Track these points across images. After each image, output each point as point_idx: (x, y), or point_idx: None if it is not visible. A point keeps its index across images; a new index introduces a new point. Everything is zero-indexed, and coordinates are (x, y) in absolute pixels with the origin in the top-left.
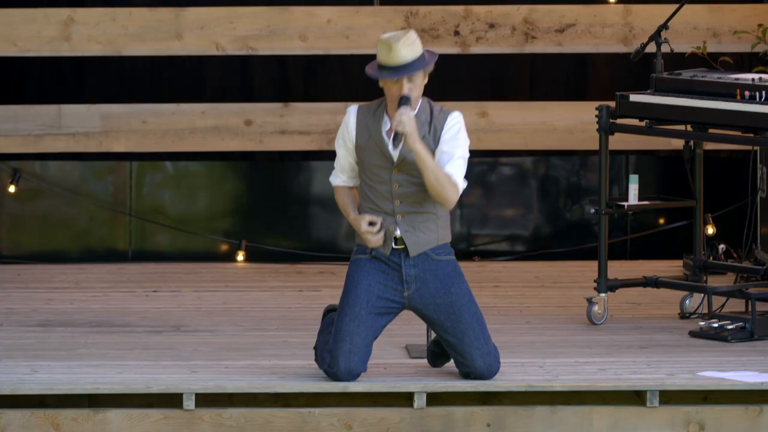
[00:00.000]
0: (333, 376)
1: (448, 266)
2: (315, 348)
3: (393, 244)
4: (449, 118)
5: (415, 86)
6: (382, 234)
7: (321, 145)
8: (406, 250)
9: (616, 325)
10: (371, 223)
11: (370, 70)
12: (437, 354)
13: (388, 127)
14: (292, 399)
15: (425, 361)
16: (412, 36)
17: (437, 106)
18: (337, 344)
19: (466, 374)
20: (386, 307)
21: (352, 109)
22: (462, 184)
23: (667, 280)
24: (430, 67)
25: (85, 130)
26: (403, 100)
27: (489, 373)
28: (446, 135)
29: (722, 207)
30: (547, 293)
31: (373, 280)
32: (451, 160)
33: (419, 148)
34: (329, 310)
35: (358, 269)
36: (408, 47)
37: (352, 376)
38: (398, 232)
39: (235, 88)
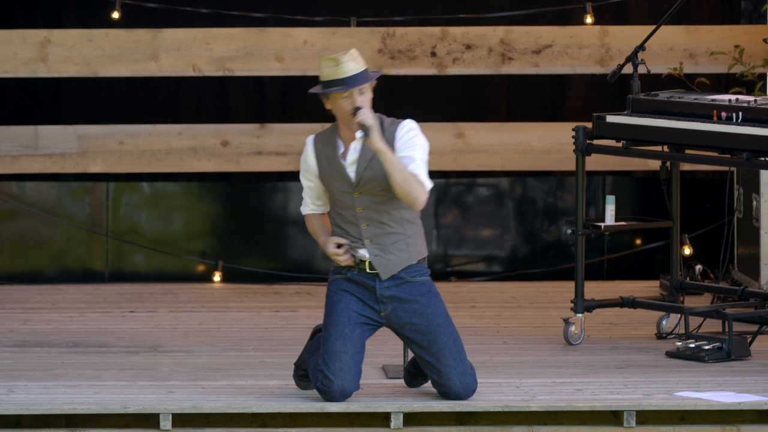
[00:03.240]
0: (327, 395)
1: (423, 287)
2: (296, 364)
3: (367, 268)
4: (400, 126)
5: (365, 99)
6: (349, 254)
7: (297, 165)
8: (380, 272)
9: (592, 345)
10: (339, 246)
11: (316, 89)
12: (414, 374)
13: (342, 150)
14: (269, 419)
15: (402, 381)
16: (355, 52)
17: (388, 119)
18: (327, 364)
19: (444, 393)
20: (365, 323)
21: (309, 140)
22: (429, 184)
23: (643, 300)
24: (374, 83)
25: (62, 151)
26: (358, 110)
27: (466, 393)
28: (400, 142)
29: (699, 228)
30: (523, 313)
31: (351, 297)
32: (412, 162)
33: (383, 146)
34: (317, 331)
35: (336, 289)
36: (353, 61)
37: (345, 396)
38: (367, 256)
39: (211, 109)
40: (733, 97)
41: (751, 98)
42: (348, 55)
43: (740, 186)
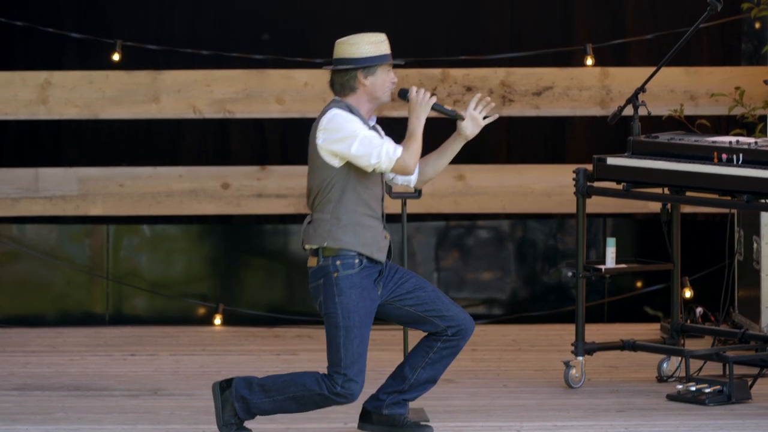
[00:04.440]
0: (347, 398)
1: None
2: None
3: (385, 251)
4: None
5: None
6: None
7: (298, 208)
8: (389, 253)
9: (593, 388)
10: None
11: (368, 64)
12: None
13: (374, 121)
14: None
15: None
16: None
17: None
18: (349, 367)
19: (457, 328)
20: (372, 318)
21: (341, 109)
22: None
23: (644, 343)
24: None
25: (62, 194)
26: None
27: (471, 323)
28: None
29: (700, 270)
30: (524, 356)
31: (366, 297)
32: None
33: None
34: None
35: (352, 286)
36: None
37: (357, 396)
38: (389, 239)
39: (212, 151)
40: (733, 138)
41: (751, 140)
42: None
43: (741, 228)
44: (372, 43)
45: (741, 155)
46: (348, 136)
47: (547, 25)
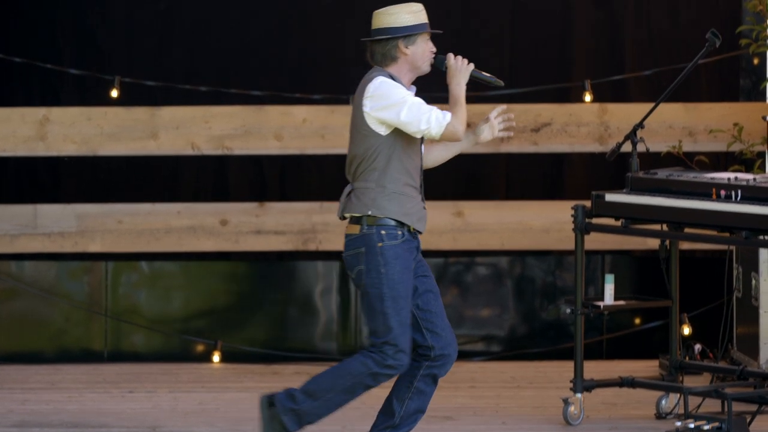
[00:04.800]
0: (397, 369)
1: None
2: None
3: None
4: None
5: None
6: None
7: (296, 245)
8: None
9: (592, 425)
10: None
11: (423, 29)
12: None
13: (414, 91)
14: None
15: None
16: None
17: None
18: (401, 337)
19: (436, 353)
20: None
21: (384, 76)
22: None
23: (643, 380)
24: None
25: (61, 230)
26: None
27: (455, 352)
28: None
29: (698, 306)
30: (523, 393)
31: (408, 269)
32: None
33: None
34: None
35: (396, 256)
36: None
37: (405, 369)
38: (425, 210)
39: (210, 188)
40: (732, 175)
41: (750, 176)
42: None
43: (739, 265)
44: (411, 13)
45: (739, 192)
46: (396, 103)
47: (545, 61)
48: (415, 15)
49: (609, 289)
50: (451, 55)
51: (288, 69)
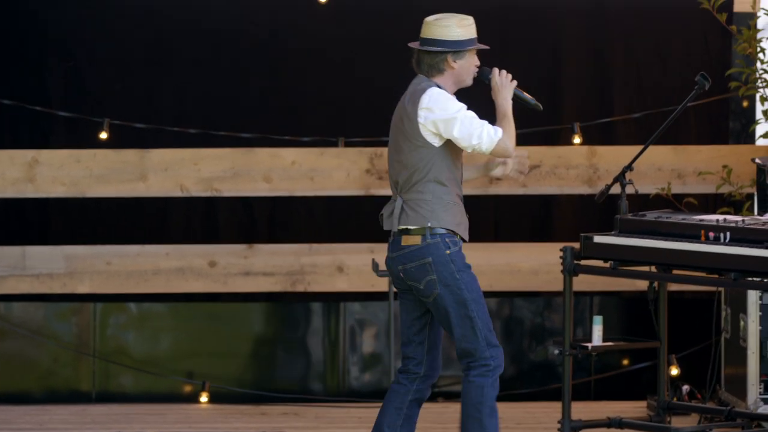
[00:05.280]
0: (501, 367)
1: None
2: None
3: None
4: None
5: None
6: None
7: (285, 286)
8: None
9: None
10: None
11: (464, 47)
12: None
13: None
14: None
15: None
16: None
17: None
18: (491, 334)
19: (425, 371)
20: None
21: (436, 88)
22: None
23: (631, 420)
24: None
25: (49, 272)
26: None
27: (438, 374)
28: None
29: (687, 347)
30: None
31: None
32: None
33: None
34: None
35: (463, 261)
36: None
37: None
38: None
39: (199, 230)
40: (721, 217)
41: (739, 218)
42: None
43: (728, 306)
44: (463, 26)
45: (728, 233)
46: (451, 117)
47: None
48: (466, 29)
49: (597, 330)
50: (496, 70)
51: (277, 111)
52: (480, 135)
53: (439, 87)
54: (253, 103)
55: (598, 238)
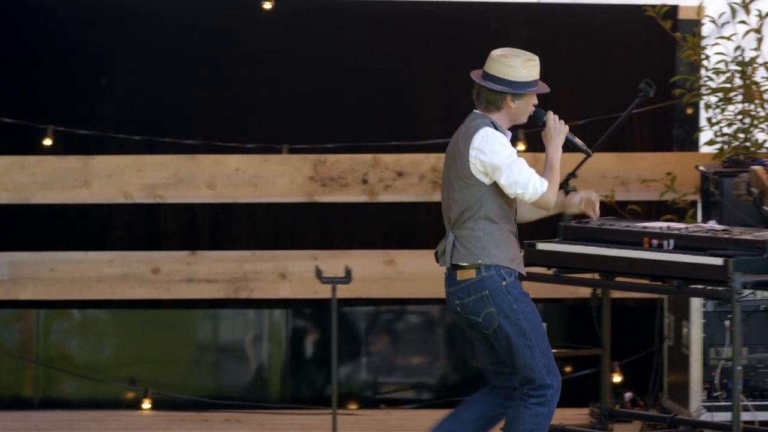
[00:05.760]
0: (557, 393)
1: None
2: None
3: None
4: None
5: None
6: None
7: (228, 293)
8: None
9: None
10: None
11: (524, 89)
12: None
13: (510, 136)
14: None
15: None
16: None
17: None
18: (551, 361)
19: (511, 388)
20: None
21: (494, 130)
22: None
23: (573, 428)
24: None
25: None
26: (538, 109)
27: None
28: None
29: (629, 355)
30: None
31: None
32: None
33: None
34: None
35: (520, 292)
36: None
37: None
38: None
39: (143, 236)
40: (664, 224)
41: (682, 225)
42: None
43: (671, 313)
44: (528, 68)
45: (672, 241)
46: (501, 163)
47: None
48: (530, 70)
49: None
50: (551, 114)
51: (221, 118)
52: (525, 185)
53: (494, 125)
54: (197, 110)
55: (542, 245)
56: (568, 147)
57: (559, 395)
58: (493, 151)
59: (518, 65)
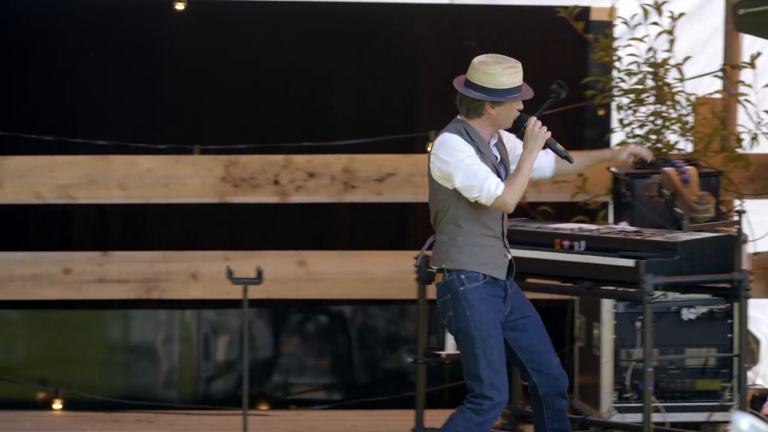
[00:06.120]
0: (497, 407)
1: (516, 285)
2: None
3: (506, 268)
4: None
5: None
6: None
7: (139, 293)
8: (510, 271)
9: None
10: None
11: (500, 97)
12: None
13: (491, 148)
14: None
15: None
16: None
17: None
18: (497, 374)
19: (547, 383)
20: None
21: (455, 135)
22: None
23: None
24: None
25: None
26: (523, 116)
27: (565, 378)
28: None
29: None
30: None
31: (495, 309)
32: None
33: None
34: None
35: (480, 298)
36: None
37: (504, 406)
38: (509, 256)
39: (54, 237)
40: (575, 225)
41: (594, 227)
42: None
43: (582, 315)
44: (508, 75)
45: (583, 242)
46: (453, 168)
47: (390, 111)
48: (510, 77)
49: (451, 338)
50: (532, 120)
51: (133, 118)
52: (480, 189)
53: (466, 131)
54: (109, 111)
55: None
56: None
57: (502, 410)
58: (446, 156)
59: (498, 72)
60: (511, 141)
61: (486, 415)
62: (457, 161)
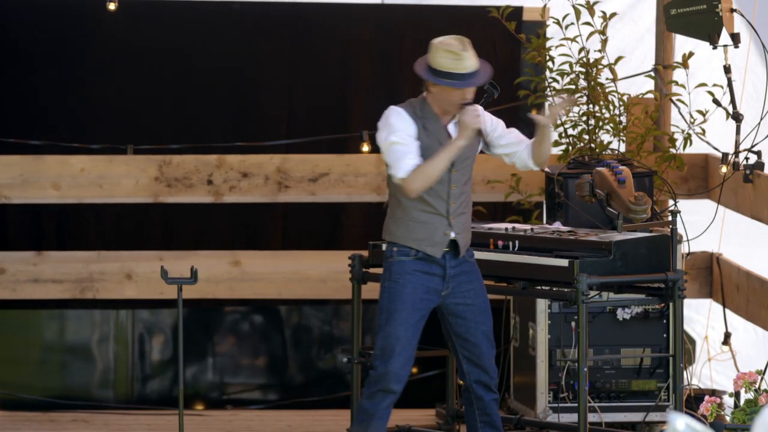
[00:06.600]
0: (383, 377)
1: (475, 267)
2: None
3: (444, 246)
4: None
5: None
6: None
7: (74, 293)
8: (454, 251)
9: None
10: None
11: (431, 76)
12: None
13: (443, 126)
14: None
15: None
16: (469, 45)
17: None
18: (388, 348)
19: (479, 378)
20: (426, 309)
21: (398, 108)
22: None
23: (419, 429)
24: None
25: None
26: (466, 105)
27: (495, 372)
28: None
29: None
30: None
31: (417, 282)
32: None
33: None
34: None
35: (402, 273)
36: (472, 58)
37: (399, 382)
38: (452, 235)
39: None
40: (509, 225)
41: (527, 227)
42: (467, 49)
43: (516, 314)
44: (449, 57)
45: (517, 242)
46: (380, 143)
47: (323, 111)
48: (450, 62)
49: None
50: (471, 107)
51: (66, 118)
52: (394, 168)
53: (410, 105)
54: (42, 111)
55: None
56: None
57: (383, 384)
58: (380, 130)
59: (439, 54)
60: (493, 123)
61: (371, 387)
62: (383, 137)
